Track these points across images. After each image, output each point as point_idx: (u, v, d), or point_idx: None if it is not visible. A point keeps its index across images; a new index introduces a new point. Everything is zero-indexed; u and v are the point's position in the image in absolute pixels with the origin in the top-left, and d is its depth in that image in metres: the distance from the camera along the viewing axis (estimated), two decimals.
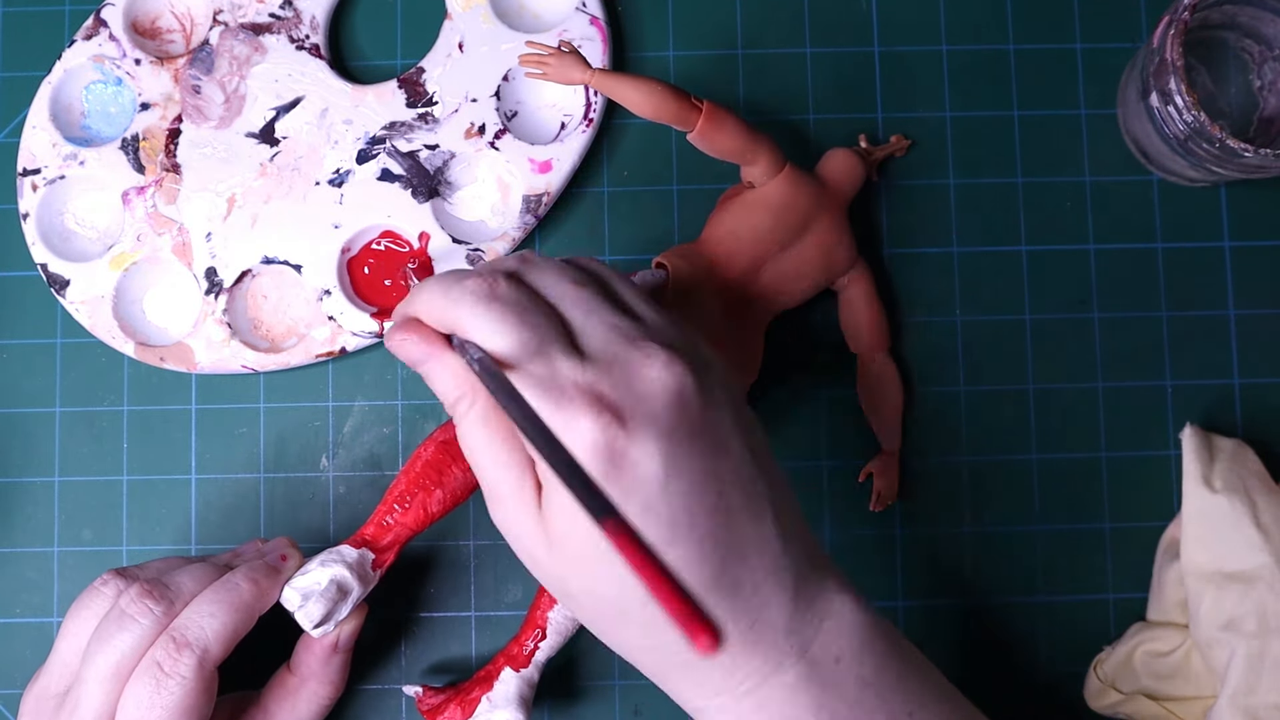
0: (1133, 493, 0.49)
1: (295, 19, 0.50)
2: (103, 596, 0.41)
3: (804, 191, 0.45)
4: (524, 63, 0.45)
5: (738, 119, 0.44)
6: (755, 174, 0.45)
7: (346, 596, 0.41)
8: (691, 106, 0.44)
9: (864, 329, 0.48)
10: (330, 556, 0.42)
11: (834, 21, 0.51)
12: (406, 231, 0.49)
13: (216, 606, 0.40)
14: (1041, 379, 0.50)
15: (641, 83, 0.44)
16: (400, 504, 0.43)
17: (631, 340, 0.33)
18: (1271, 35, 0.48)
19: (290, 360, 0.49)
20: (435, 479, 0.43)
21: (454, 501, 0.43)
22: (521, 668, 0.44)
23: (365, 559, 0.42)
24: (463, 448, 0.35)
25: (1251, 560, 0.44)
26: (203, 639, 0.39)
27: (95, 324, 0.49)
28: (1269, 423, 0.49)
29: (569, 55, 0.44)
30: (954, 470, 0.49)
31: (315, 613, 0.41)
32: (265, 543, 0.44)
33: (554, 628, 0.45)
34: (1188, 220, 0.50)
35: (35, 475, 0.49)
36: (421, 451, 0.43)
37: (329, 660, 0.43)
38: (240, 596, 0.40)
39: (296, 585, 0.41)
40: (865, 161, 0.48)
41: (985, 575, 0.49)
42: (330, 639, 0.43)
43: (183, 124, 0.50)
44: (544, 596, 0.45)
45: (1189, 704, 0.45)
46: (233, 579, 0.41)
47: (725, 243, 0.45)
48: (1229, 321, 0.50)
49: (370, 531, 0.43)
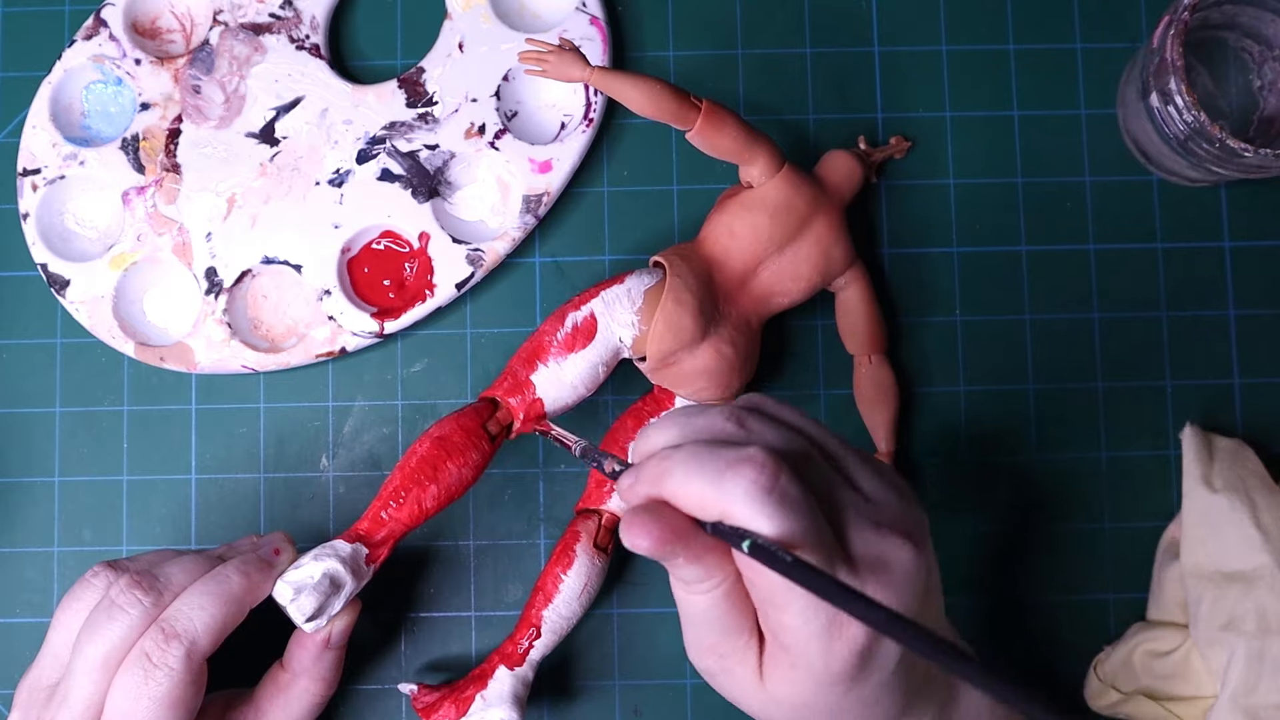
0: (1133, 493, 0.49)
1: (295, 19, 0.50)
2: (93, 588, 0.41)
3: (802, 192, 0.45)
4: (524, 60, 0.45)
5: (737, 118, 0.44)
6: (754, 174, 0.45)
7: (339, 591, 0.41)
8: (691, 105, 0.44)
9: (860, 330, 0.48)
10: (324, 551, 0.42)
11: (834, 21, 0.51)
12: (406, 231, 0.49)
13: (206, 598, 0.40)
14: (1041, 379, 0.50)
15: (641, 81, 0.44)
16: (395, 500, 0.43)
17: (881, 531, 0.33)
18: (1271, 35, 0.48)
19: (290, 360, 0.49)
20: (430, 475, 0.43)
21: (449, 498, 0.43)
22: (516, 666, 0.44)
23: (359, 554, 0.42)
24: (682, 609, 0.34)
25: (1251, 560, 0.44)
26: (191, 630, 0.39)
27: (95, 324, 0.49)
28: (1269, 423, 0.49)
29: (569, 53, 0.44)
30: (954, 470, 0.49)
31: (307, 606, 0.41)
32: (260, 538, 0.44)
33: (549, 626, 0.45)
34: (1188, 220, 0.50)
35: (35, 475, 0.49)
36: (416, 447, 0.43)
37: (321, 656, 0.43)
38: (230, 589, 0.40)
39: (289, 579, 0.41)
40: (864, 163, 0.48)
41: (985, 575, 0.49)
42: (323, 635, 0.42)
43: (183, 124, 0.50)
44: (538, 595, 0.45)
45: (1189, 704, 0.45)
46: (223, 571, 0.41)
47: (723, 242, 0.45)
48: (1229, 321, 0.50)
49: (365, 526, 0.43)
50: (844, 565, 0.32)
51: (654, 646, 0.48)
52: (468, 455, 0.43)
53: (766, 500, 0.31)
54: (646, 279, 0.45)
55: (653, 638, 0.49)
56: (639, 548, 0.31)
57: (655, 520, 0.31)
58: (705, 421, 0.34)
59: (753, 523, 0.31)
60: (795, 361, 0.50)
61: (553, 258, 0.50)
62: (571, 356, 0.44)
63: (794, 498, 0.31)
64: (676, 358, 0.44)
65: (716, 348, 0.45)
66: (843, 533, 0.33)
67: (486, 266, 0.49)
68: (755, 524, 0.31)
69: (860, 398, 0.48)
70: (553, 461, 0.49)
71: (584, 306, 0.44)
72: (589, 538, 0.46)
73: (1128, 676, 0.47)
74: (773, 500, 0.31)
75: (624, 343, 0.45)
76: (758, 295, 0.46)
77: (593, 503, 0.47)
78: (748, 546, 0.31)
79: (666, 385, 0.46)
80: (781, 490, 0.31)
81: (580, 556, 0.45)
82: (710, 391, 0.45)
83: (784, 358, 0.50)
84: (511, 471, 0.49)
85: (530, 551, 0.49)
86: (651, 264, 0.46)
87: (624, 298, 0.44)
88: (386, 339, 0.49)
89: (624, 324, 0.44)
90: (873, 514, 0.33)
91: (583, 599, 0.45)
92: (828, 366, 0.49)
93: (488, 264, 0.49)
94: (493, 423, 0.44)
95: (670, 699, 0.48)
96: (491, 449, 0.44)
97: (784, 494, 0.31)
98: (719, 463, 0.31)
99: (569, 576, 0.45)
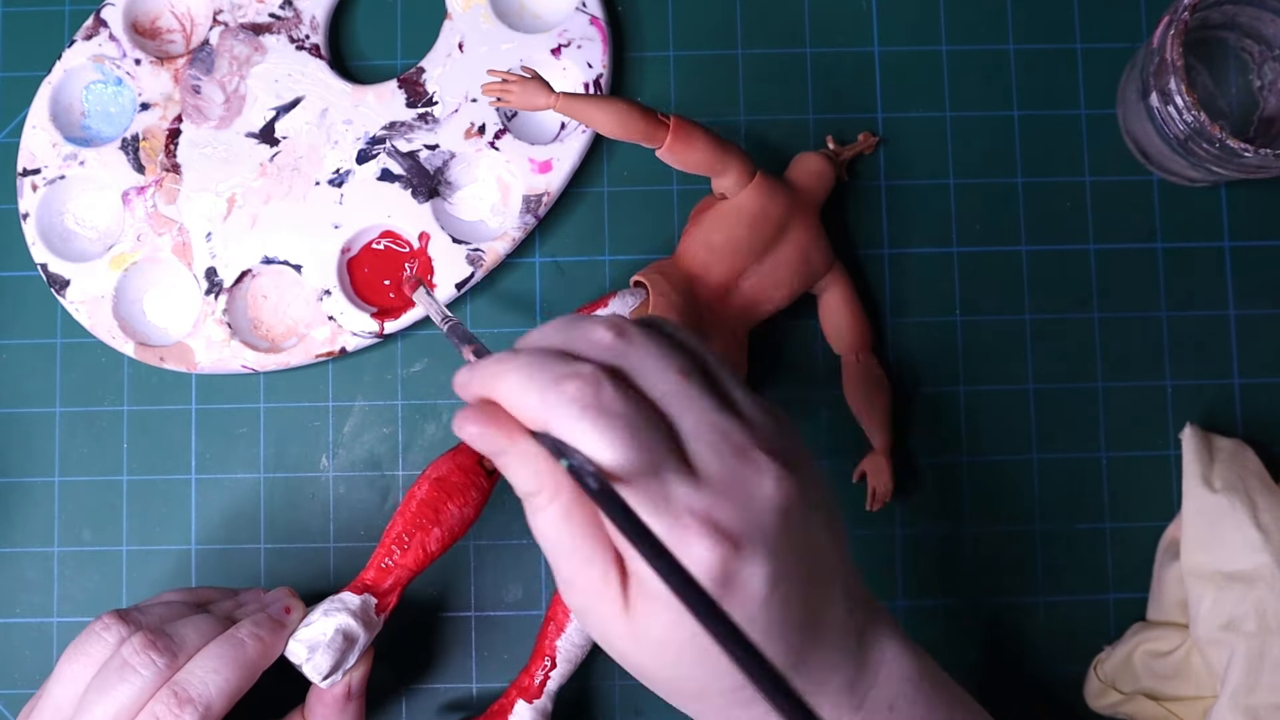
0: (1133, 493, 0.49)
1: (295, 19, 0.50)
2: (103, 643, 0.40)
3: (777, 198, 0.45)
4: (486, 91, 0.44)
5: (706, 131, 0.44)
6: (727, 185, 0.45)
7: (353, 645, 0.41)
8: (659, 123, 0.44)
9: (845, 330, 0.48)
10: (333, 605, 0.41)
11: (834, 21, 0.51)
12: (406, 231, 0.49)
13: (220, 663, 0.39)
14: (1041, 379, 0.50)
15: (606, 103, 0.43)
16: (399, 545, 0.42)
17: (743, 452, 0.31)
18: (1271, 35, 0.48)
19: (290, 360, 0.49)
20: (432, 517, 0.42)
21: (452, 539, 0.43)
22: (535, 699, 0.44)
23: (368, 604, 0.42)
24: (537, 537, 0.33)
25: (1251, 560, 0.44)
26: (206, 695, 0.38)
27: (95, 324, 0.49)
28: (1269, 423, 0.49)
29: (532, 81, 0.44)
30: (954, 470, 0.49)
31: (323, 665, 0.40)
32: (266, 593, 0.44)
33: (563, 656, 0.44)
34: (1188, 220, 0.50)
35: (35, 475, 0.49)
36: (416, 491, 0.43)
37: (344, 709, 0.42)
38: (245, 654, 0.40)
39: (302, 638, 0.41)
40: (834, 163, 0.48)
41: (985, 575, 0.49)
42: (341, 688, 0.42)
43: (183, 124, 0.50)
44: (550, 626, 0.44)
45: (1189, 704, 0.45)
46: (238, 635, 0.40)
47: (701, 256, 0.45)
48: (1229, 321, 0.50)
49: (371, 576, 0.42)
50: (685, 482, 0.31)
51: None
52: (468, 494, 0.43)
53: (583, 415, 0.30)
54: (629, 300, 0.45)
55: None
56: (467, 435, 0.31)
57: (485, 420, 0.31)
58: (581, 330, 0.33)
59: (572, 438, 0.30)
60: (790, 364, 0.50)
61: (553, 258, 0.50)
62: None
63: (618, 414, 0.30)
64: None
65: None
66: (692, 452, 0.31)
67: (486, 266, 0.49)
68: (575, 440, 0.30)
69: (851, 396, 0.48)
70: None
71: None
72: None
73: (1128, 676, 0.47)
74: (589, 415, 0.30)
75: None
76: (741, 305, 0.46)
77: None
78: (565, 465, 0.30)
79: None
80: (603, 406, 0.30)
81: None
82: None
83: (775, 363, 0.50)
84: None
85: (530, 552, 0.49)
86: (633, 284, 0.46)
87: None
88: (386, 339, 0.49)
89: None
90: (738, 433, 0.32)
91: None
92: (823, 369, 0.49)
93: (488, 264, 0.49)
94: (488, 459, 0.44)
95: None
96: (490, 484, 0.44)
97: (606, 410, 0.30)
98: (549, 374, 0.31)
99: None
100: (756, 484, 0.31)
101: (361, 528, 0.49)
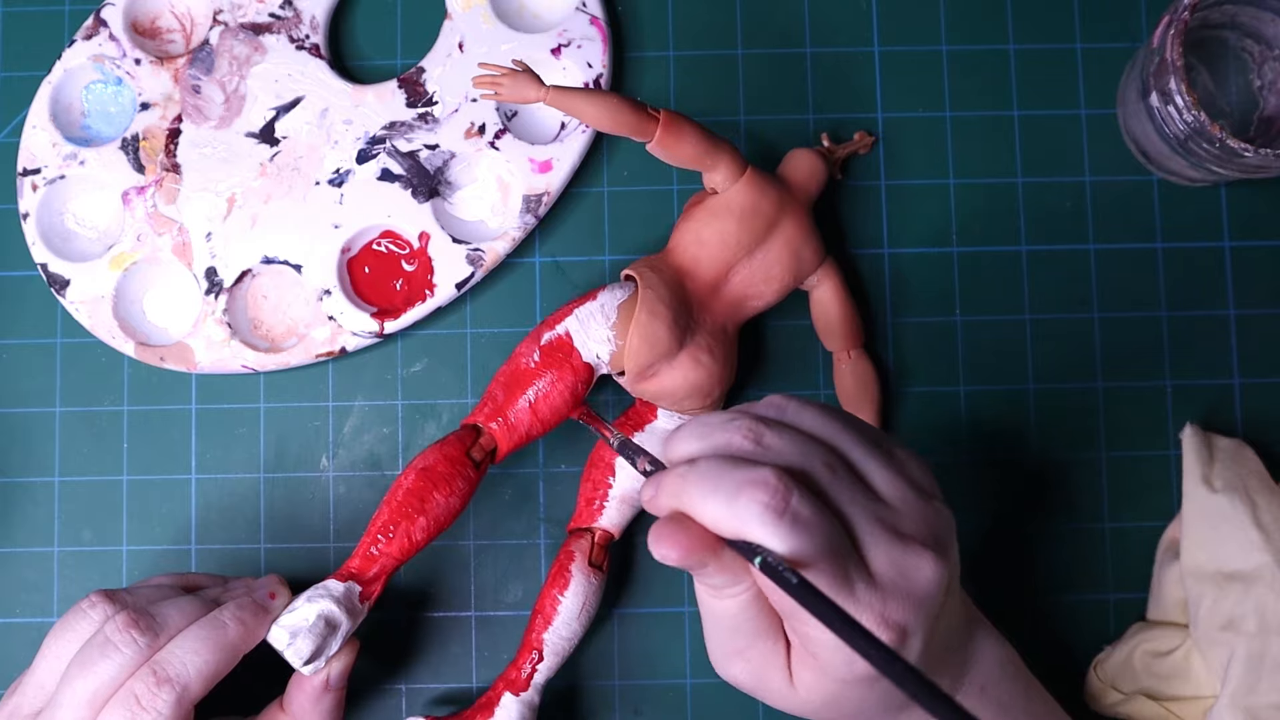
0: (1133, 493, 0.49)
1: (295, 19, 0.50)
2: (88, 619, 0.40)
3: (768, 194, 0.45)
4: (477, 85, 0.44)
5: (696, 126, 0.44)
6: (717, 180, 0.45)
7: (336, 631, 0.41)
8: (649, 116, 0.44)
9: (837, 327, 0.48)
10: (317, 592, 0.41)
11: (834, 21, 0.51)
12: (406, 231, 0.49)
13: (201, 644, 0.39)
14: (1041, 379, 0.50)
15: (596, 97, 0.43)
16: (384, 534, 0.42)
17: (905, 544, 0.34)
18: (1271, 35, 0.48)
19: (290, 360, 0.49)
20: (418, 507, 0.42)
21: (438, 528, 0.43)
22: (521, 691, 0.44)
23: (353, 592, 0.42)
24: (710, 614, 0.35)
25: (1251, 560, 0.44)
26: (184, 676, 0.39)
27: (95, 324, 0.49)
28: (1269, 423, 0.49)
29: (522, 75, 0.44)
30: (953, 470, 0.49)
31: (304, 649, 0.41)
32: (254, 580, 0.44)
33: (550, 649, 0.44)
34: (1188, 220, 0.50)
35: (35, 475, 0.49)
36: (401, 480, 0.43)
37: (321, 699, 0.42)
38: (226, 636, 0.40)
39: (284, 623, 0.41)
40: (828, 161, 0.48)
41: (985, 575, 0.49)
42: (321, 678, 0.42)
43: (183, 124, 0.50)
44: (537, 619, 0.45)
45: (1189, 704, 0.45)
46: (220, 617, 0.40)
47: (692, 250, 0.45)
48: (1229, 321, 0.50)
49: (356, 564, 0.42)
50: (863, 581, 0.33)
51: (654, 646, 0.48)
52: (454, 484, 0.43)
53: (778, 524, 0.32)
54: (619, 293, 0.45)
55: (653, 638, 0.49)
56: (668, 559, 0.32)
57: (682, 532, 0.33)
58: (723, 438, 0.34)
59: (766, 543, 0.32)
60: (776, 363, 0.50)
61: (553, 258, 0.50)
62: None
63: (806, 519, 0.32)
64: (655, 370, 0.44)
65: (694, 357, 0.44)
66: (862, 547, 0.33)
67: (486, 266, 0.49)
68: (768, 544, 0.32)
69: (842, 393, 0.48)
70: (553, 461, 0.49)
71: (558, 326, 0.44)
72: (583, 556, 0.45)
73: (1128, 676, 0.47)
74: (784, 523, 0.32)
75: (601, 359, 0.44)
76: (731, 301, 0.46)
77: (584, 521, 0.46)
78: (758, 563, 0.32)
79: (648, 399, 0.46)
80: (793, 513, 0.32)
81: (576, 576, 0.45)
82: (692, 401, 0.45)
83: (765, 360, 0.50)
84: (511, 471, 0.49)
85: (530, 551, 0.49)
86: (623, 277, 0.46)
87: (597, 314, 0.44)
88: (386, 339, 0.49)
89: (599, 340, 0.44)
90: (894, 521, 0.34)
91: (582, 618, 0.45)
92: (809, 366, 0.49)
93: (488, 264, 0.49)
94: (476, 449, 0.44)
95: (670, 699, 0.48)
96: (477, 476, 0.44)
97: (795, 516, 0.32)
98: (731, 483, 0.32)
99: (566, 597, 0.45)
100: (917, 572, 0.34)
101: (361, 528, 0.49)
